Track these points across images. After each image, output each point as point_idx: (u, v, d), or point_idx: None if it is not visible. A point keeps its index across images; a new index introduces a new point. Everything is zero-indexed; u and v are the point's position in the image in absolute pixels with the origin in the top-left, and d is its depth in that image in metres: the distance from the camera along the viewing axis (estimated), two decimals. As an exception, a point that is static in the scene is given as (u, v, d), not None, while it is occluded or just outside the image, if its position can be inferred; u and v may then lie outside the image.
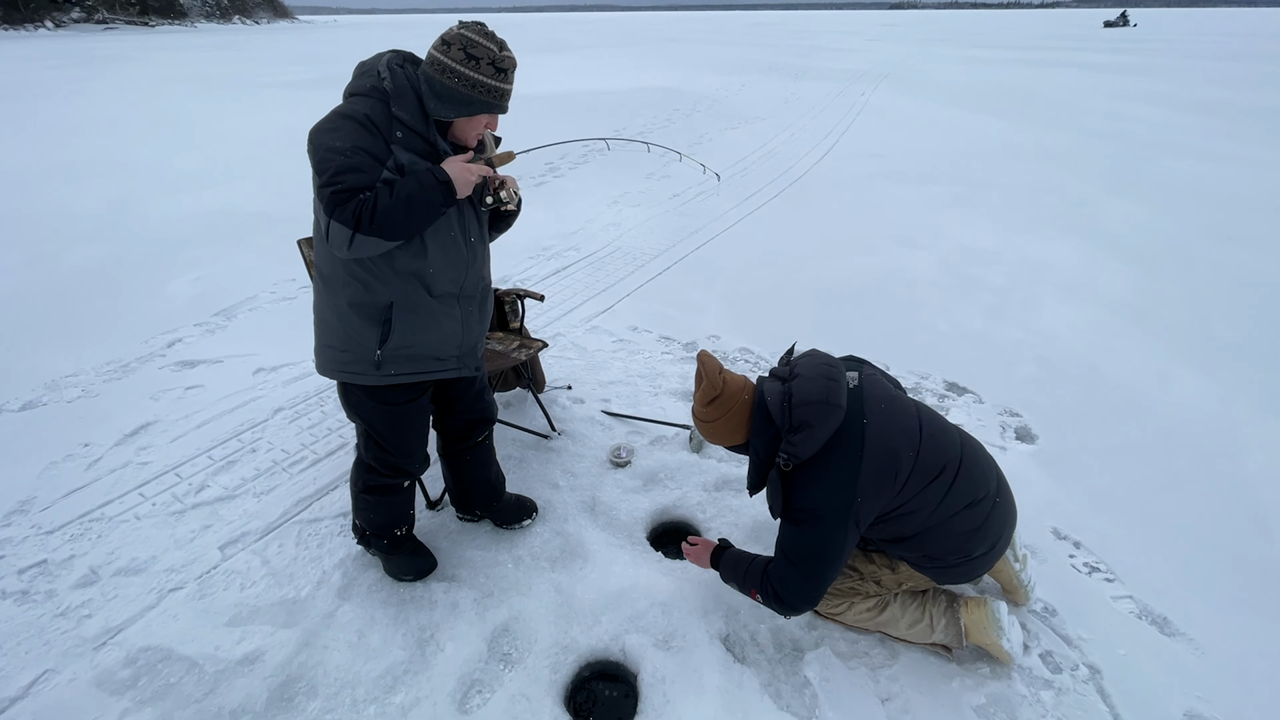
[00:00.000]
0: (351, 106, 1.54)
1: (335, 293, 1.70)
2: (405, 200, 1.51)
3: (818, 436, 1.60)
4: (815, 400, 1.62)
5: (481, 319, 1.92)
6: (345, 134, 1.51)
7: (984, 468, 1.75)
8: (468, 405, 2.08)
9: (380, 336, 1.71)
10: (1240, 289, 4.37)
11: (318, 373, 1.85)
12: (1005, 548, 1.80)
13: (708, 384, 1.74)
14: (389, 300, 1.68)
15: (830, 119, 10.52)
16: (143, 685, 1.79)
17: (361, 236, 1.49)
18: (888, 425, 1.65)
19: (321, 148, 1.51)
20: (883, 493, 1.62)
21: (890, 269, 4.72)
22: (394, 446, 1.91)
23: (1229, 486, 2.57)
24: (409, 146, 1.59)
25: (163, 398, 3.15)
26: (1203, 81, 15.06)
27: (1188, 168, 7.49)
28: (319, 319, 1.80)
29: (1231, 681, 1.82)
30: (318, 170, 1.51)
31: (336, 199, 1.47)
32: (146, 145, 8.16)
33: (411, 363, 1.77)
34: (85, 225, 5.47)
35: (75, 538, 2.31)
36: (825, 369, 1.71)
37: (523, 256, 4.97)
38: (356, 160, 1.50)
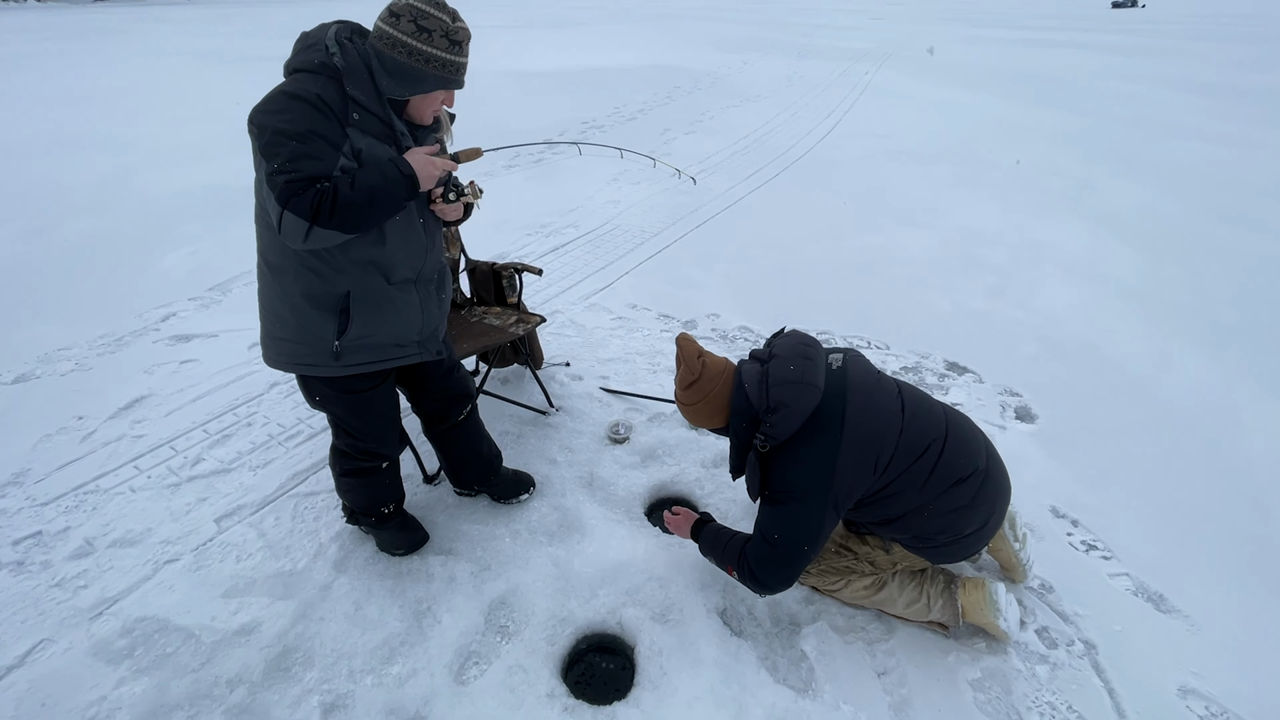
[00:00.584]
0: (300, 85, 1.42)
1: (286, 284, 1.59)
2: (367, 193, 1.43)
3: (794, 416, 1.59)
4: (791, 380, 1.61)
5: (441, 303, 1.86)
6: (296, 117, 1.39)
7: (971, 444, 1.73)
8: (440, 385, 2.01)
9: (338, 327, 1.62)
10: (1244, 272, 4.34)
11: (267, 365, 1.74)
12: (999, 524, 1.78)
13: (685, 368, 1.73)
14: (345, 290, 1.59)
15: (833, 98, 10.37)
16: (139, 655, 1.79)
17: (319, 229, 1.40)
18: (869, 406, 1.64)
19: (269, 130, 1.38)
20: (863, 475, 1.60)
21: (892, 249, 4.68)
22: (363, 433, 1.86)
23: (1228, 467, 2.57)
24: (365, 129, 1.49)
25: (157, 371, 3.13)
26: (1211, 63, 14.85)
27: (1194, 150, 7.41)
28: (267, 311, 1.68)
29: (1225, 658, 1.82)
30: (265, 154, 1.39)
31: (291, 189, 1.37)
32: (141, 119, 8.03)
33: (371, 351, 1.70)
34: (79, 199, 5.39)
35: (70, 510, 2.30)
36: (802, 348, 1.69)
37: (520, 234, 4.92)
38: (311, 147, 1.40)
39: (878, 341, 3.46)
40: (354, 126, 1.47)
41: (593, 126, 8.22)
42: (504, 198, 5.62)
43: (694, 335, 3.50)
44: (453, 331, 2.62)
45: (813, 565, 1.92)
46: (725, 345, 3.39)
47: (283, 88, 1.44)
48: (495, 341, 2.52)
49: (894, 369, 3.21)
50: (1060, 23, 27.95)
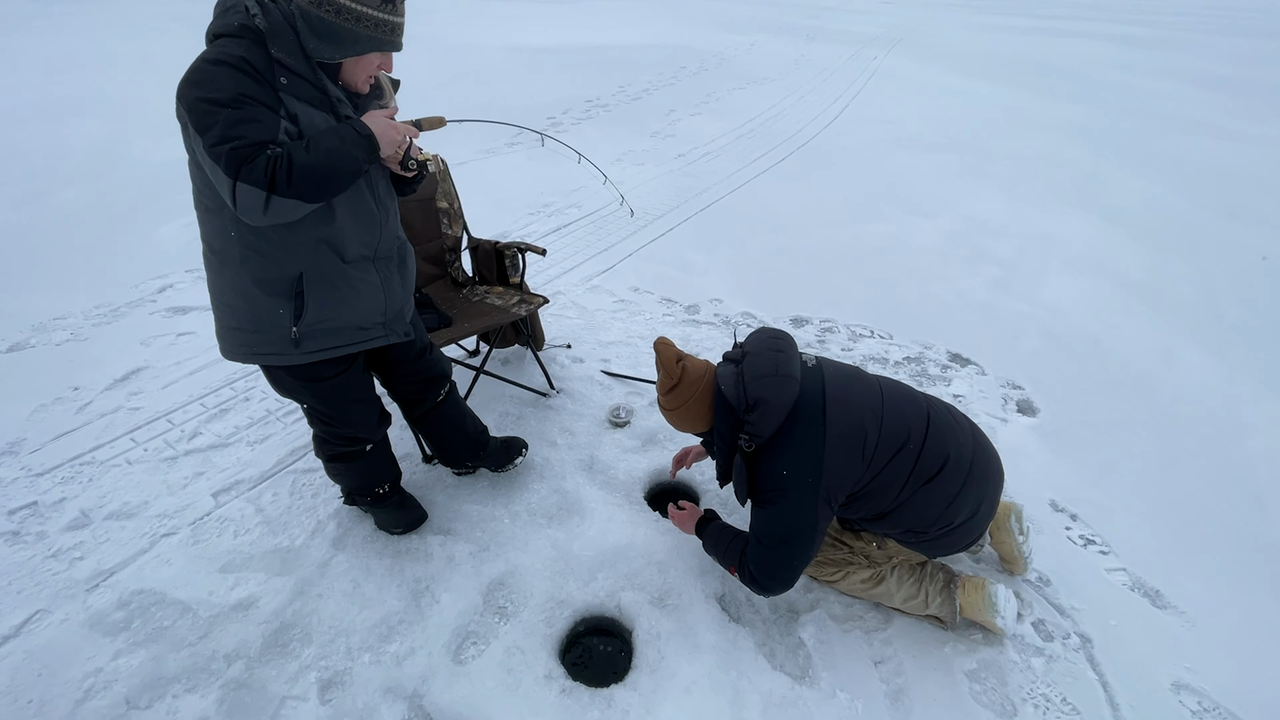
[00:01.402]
0: (222, 50, 1.31)
1: (233, 270, 1.48)
2: (324, 154, 1.33)
3: (774, 411, 1.57)
4: (766, 374, 1.59)
5: (404, 281, 1.76)
6: (223, 82, 1.28)
7: (954, 429, 1.71)
8: (413, 369, 1.93)
9: (294, 311, 1.52)
10: (1250, 269, 4.32)
11: (225, 358, 1.66)
12: (990, 513, 1.76)
13: (664, 373, 1.70)
14: (297, 272, 1.49)
15: (841, 83, 10.23)
16: (136, 628, 1.78)
17: (278, 199, 1.29)
18: (849, 398, 1.63)
19: (198, 102, 1.27)
20: (851, 467, 1.60)
21: (897, 238, 4.64)
22: (336, 419, 1.79)
23: (1228, 465, 2.57)
24: (297, 94, 1.38)
25: (154, 343, 3.09)
26: (1222, 57, 14.68)
27: (1203, 145, 7.34)
28: (219, 301, 1.57)
29: (1220, 655, 1.84)
30: (200, 128, 1.28)
31: (238, 156, 1.26)
32: (134, 86, 7.87)
33: (333, 336, 1.61)
34: (73, 166, 5.30)
35: (66, 480, 2.28)
36: (772, 342, 1.69)
37: (523, 212, 4.86)
38: (247, 111, 1.29)
39: (881, 331, 3.44)
40: (284, 91, 1.36)
41: (597, 105, 8.09)
42: (506, 176, 5.55)
43: (697, 320, 3.48)
44: (453, 311, 2.59)
45: (811, 555, 1.92)
46: (728, 331, 3.37)
47: (204, 55, 1.33)
48: (497, 322, 2.49)
49: (896, 359, 3.19)
50: (1072, 11, 27.58)
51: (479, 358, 2.97)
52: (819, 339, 3.35)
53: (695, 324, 3.44)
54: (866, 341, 3.35)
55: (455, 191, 2.73)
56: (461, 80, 8.79)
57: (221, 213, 1.43)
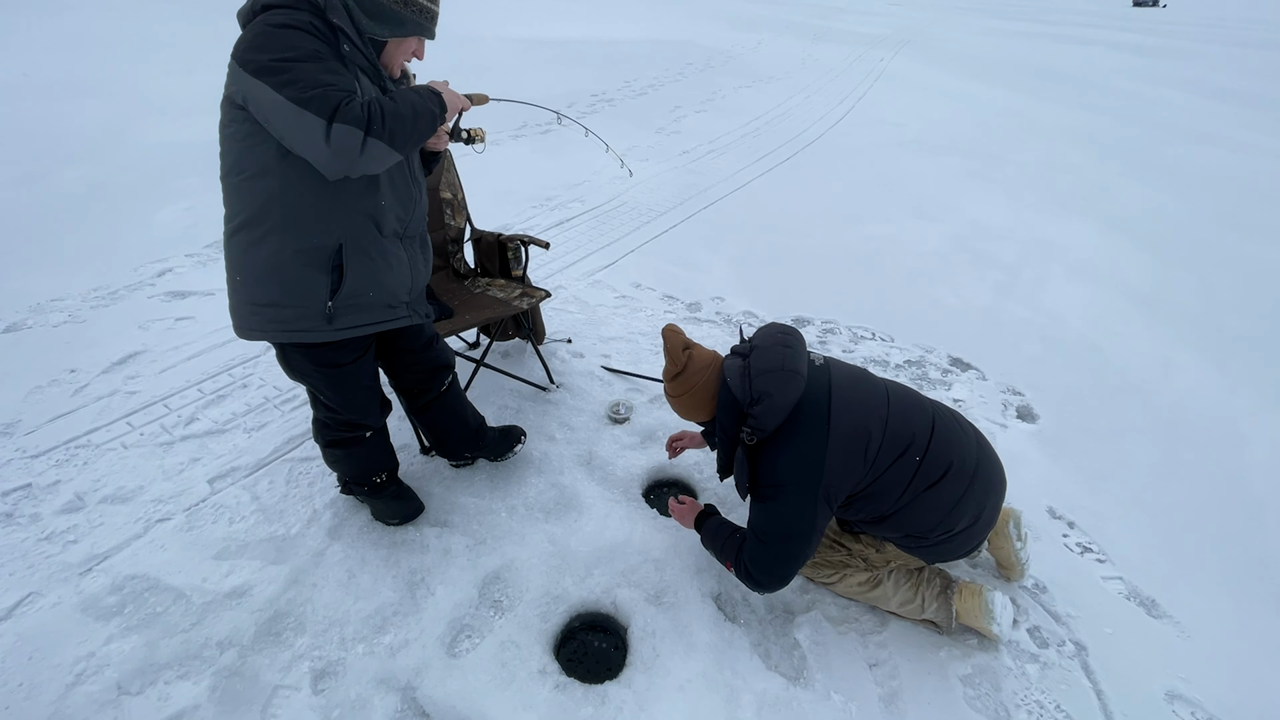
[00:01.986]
0: (286, 16, 1.34)
1: (269, 240, 1.46)
2: (411, 107, 1.39)
3: (778, 406, 1.57)
4: (773, 368, 1.60)
5: (425, 261, 1.80)
6: (297, 42, 1.32)
7: (959, 436, 1.71)
8: (420, 358, 1.94)
9: (331, 284, 1.52)
10: (1252, 281, 4.31)
11: (244, 338, 1.61)
12: (992, 521, 1.76)
13: (670, 360, 1.72)
14: (338, 242, 1.50)
15: (847, 83, 10.20)
16: (129, 613, 1.77)
17: (373, 141, 1.31)
18: (855, 399, 1.63)
19: (272, 62, 1.29)
20: (853, 468, 1.59)
21: (900, 240, 4.63)
22: (342, 405, 1.79)
23: (1226, 476, 2.57)
24: (357, 63, 1.44)
25: (152, 327, 3.07)
26: (1230, 69, 14.67)
27: (1208, 155, 7.34)
28: (247, 276, 1.52)
29: (1214, 666, 1.84)
30: (280, 84, 1.28)
31: (333, 98, 1.28)
32: (135, 67, 7.81)
33: (365, 312, 1.62)
34: (72, 147, 5.26)
35: (61, 463, 2.26)
36: (781, 337, 1.69)
37: (526, 205, 4.84)
38: (329, 64, 1.33)
39: (882, 333, 3.43)
40: (348, 59, 1.41)
41: (602, 100, 8.06)
42: (510, 168, 5.53)
43: (698, 318, 3.47)
44: (455, 302, 2.57)
45: (807, 557, 1.91)
46: (730, 329, 3.36)
47: (266, 22, 1.34)
48: (498, 314, 2.48)
49: (897, 362, 3.19)
50: (1081, 18, 27.55)
51: (479, 350, 2.96)
52: (820, 340, 3.34)
53: (697, 322, 3.43)
54: (868, 343, 3.34)
55: (459, 182, 2.71)
56: (466, 72, 8.74)
57: (266, 178, 1.42)
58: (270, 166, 1.41)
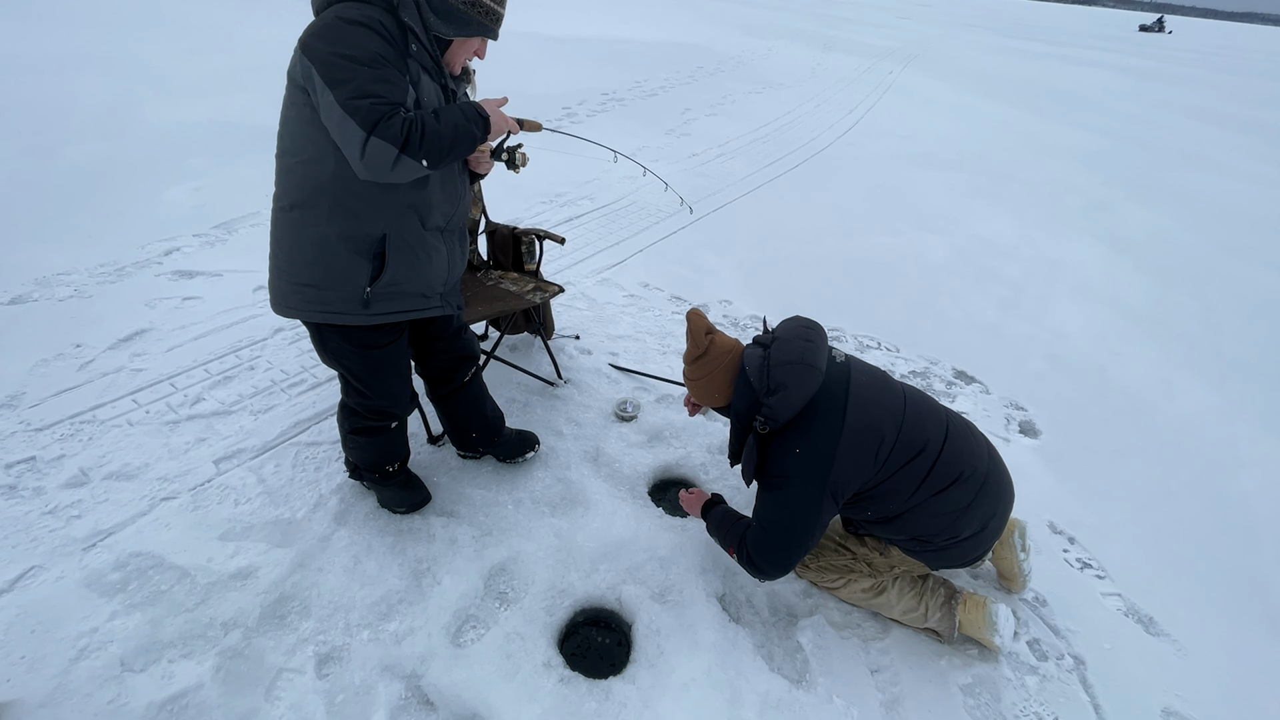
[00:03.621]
0: (361, 12, 1.37)
1: (319, 225, 1.51)
2: (452, 128, 1.41)
3: (793, 399, 1.59)
4: (791, 360, 1.61)
5: (463, 255, 1.84)
6: (363, 41, 1.35)
7: (972, 446, 1.73)
8: (448, 345, 1.98)
9: (372, 272, 1.57)
10: (1252, 307, 4.36)
11: (281, 315, 1.66)
12: (998, 531, 1.77)
13: (692, 342, 1.76)
14: (382, 232, 1.55)
15: (857, 94, 10.25)
16: (133, 590, 1.77)
17: (407, 159, 1.34)
18: (872, 399, 1.64)
19: (333, 56, 1.33)
20: (862, 467, 1.60)
21: (907, 252, 4.66)
22: (375, 390, 1.81)
23: (1223, 498, 2.60)
24: (422, 62, 1.48)
25: (159, 306, 3.06)
26: (1235, 97, 14.82)
27: (1210, 181, 7.41)
28: (292, 255, 1.57)
29: (1209, 684, 1.86)
30: (332, 81, 1.32)
31: (377, 112, 1.31)
32: (147, 46, 7.77)
33: (399, 300, 1.66)
34: (82, 121, 5.23)
35: (65, 438, 2.25)
36: (803, 331, 1.71)
37: (536, 200, 4.84)
38: (385, 73, 1.36)
39: (888, 344, 3.45)
40: (413, 58, 1.45)
41: (613, 99, 8.07)
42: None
43: (705, 320, 3.48)
44: (467, 293, 2.57)
45: (812, 561, 1.93)
46: (736, 333, 3.37)
47: (339, 15, 1.37)
48: (510, 307, 2.48)
49: (903, 373, 3.21)
50: (1087, 40, 27.74)
51: (489, 342, 2.96)
52: (826, 347, 3.36)
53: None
54: (874, 353, 3.36)
55: (476, 174, 2.71)
56: (478, 65, 8.73)
57: (320, 164, 1.46)
58: (325, 154, 1.45)
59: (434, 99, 1.52)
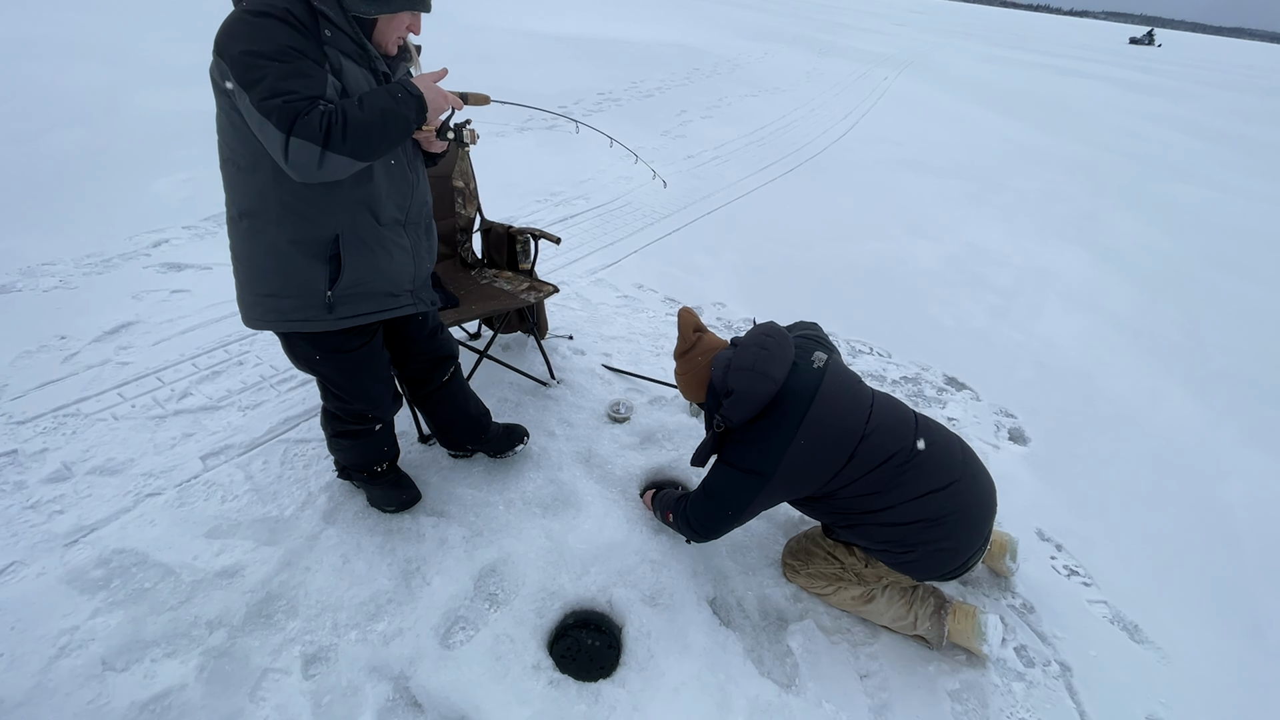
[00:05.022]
0: (265, 2, 1.29)
1: (268, 231, 1.45)
2: (379, 114, 1.31)
3: (742, 403, 1.65)
4: (744, 367, 1.67)
5: (430, 249, 1.77)
6: (270, 35, 1.26)
7: (945, 459, 1.72)
8: (425, 346, 1.93)
9: (330, 275, 1.51)
10: (1237, 318, 4.42)
11: (251, 328, 1.61)
12: (978, 540, 1.73)
13: (680, 338, 1.87)
14: (334, 233, 1.48)
15: (851, 99, 10.30)
16: (115, 587, 1.74)
17: (332, 155, 1.26)
18: (833, 412, 1.66)
19: (243, 55, 1.25)
20: (813, 476, 1.66)
21: (899, 258, 4.68)
22: (353, 395, 1.77)
23: (1207, 508, 2.63)
24: (341, 48, 1.38)
25: (146, 298, 3.02)
26: (1222, 111, 15.05)
27: (1198, 194, 7.51)
28: (248, 266, 1.53)
29: (1192, 692, 1.88)
30: (246, 83, 1.24)
31: (292, 110, 1.22)
32: (135, 32, 7.67)
33: (366, 301, 1.60)
34: (69, 108, 5.15)
35: (48, 431, 2.21)
36: (762, 339, 1.74)
37: (530, 199, 4.82)
38: (297, 65, 1.26)
39: (880, 349, 3.47)
40: (329, 45, 1.35)
41: (609, 99, 8.06)
42: (515, 161, 5.50)
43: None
44: (461, 291, 2.56)
45: (801, 567, 1.94)
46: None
47: (245, 8, 1.29)
48: (504, 306, 2.46)
49: (894, 378, 3.22)
50: (1079, 51, 28.06)
51: (481, 341, 2.95)
52: (819, 351, 3.37)
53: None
54: (865, 358, 3.37)
55: (472, 171, 2.70)
56: (471, 61, 8.70)
57: (258, 171, 1.40)
58: (261, 158, 1.37)
59: (363, 86, 1.42)
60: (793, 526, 2.19)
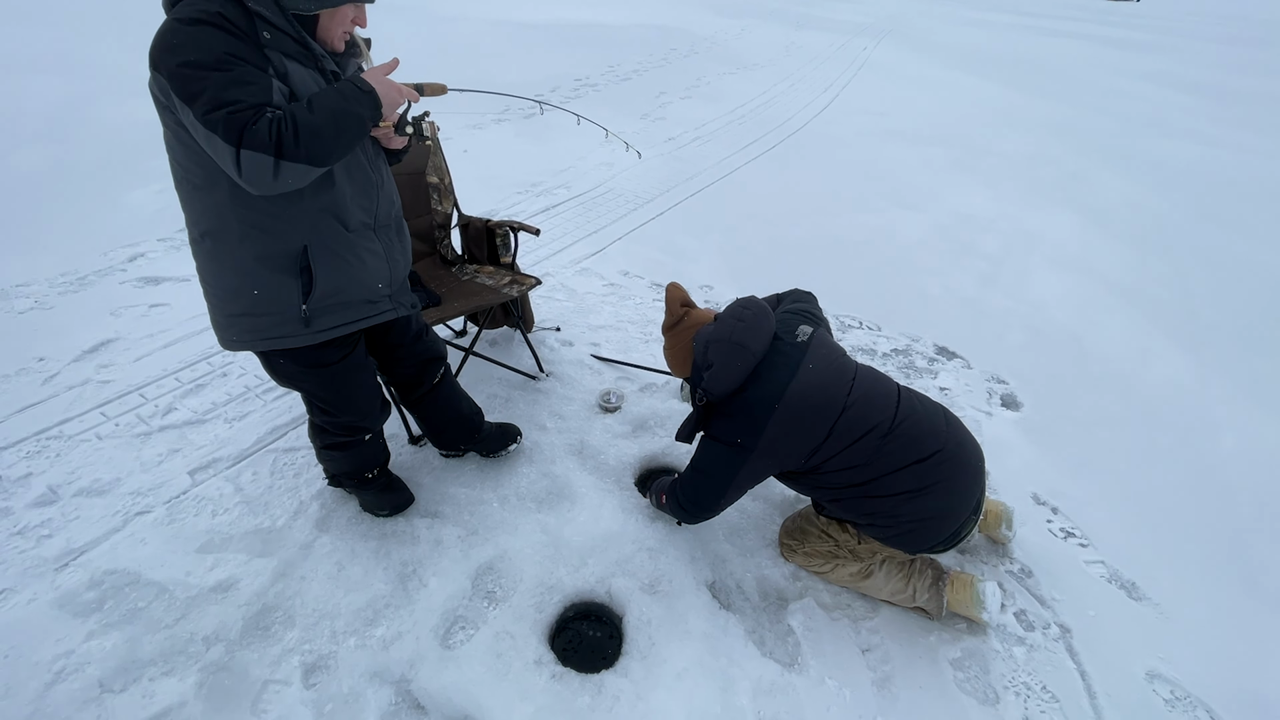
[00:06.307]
0: (195, 8, 1.21)
1: (232, 251, 1.40)
2: (330, 115, 1.24)
3: (721, 375, 1.65)
4: (721, 339, 1.68)
5: (404, 250, 1.71)
6: (206, 42, 1.19)
7: (929, 428, 1.70)
8: (411, 350, 1.89)
9: (302, 288, 1.46)
10: (1224, 272, 4.42)
11: (227, 350, 1.56)
12: (967, 511, 1.71)
13: (667, 312, 1.88)
14: (301, 245, 1.42)
15: (831, 71, 10.19)
16: (109, 609, 1.72)
17: (287, 164, 1.20)
18: (814, 385, 1.66)
19: (180, 68, 1.18)
20: (796, 447, 1.66)
21: (886, 229, 4.65)
22: (339, 408, 1.73)
23: (1201, 464, 2.64)
24: (284, 50, 1.31)
25: (124, 314, 2.97)
26: (1205, 64, 14.95)
27: (1182, 149, 7.48)
28: (217, 288, 1.48)
29: (1191, 645, 1.89)
30: (187, 96, 1.18)
31: (237, 121, 1.16)
32: (99, 42, 7.50)
33: (344, 311, 1.56)
34: (32, 124, 5.03)
35: (32, 455, 2.18)
36: (739, 311, 1.75)
37: (510, 191, 4.76)
38: (237, 72, 1.20)
39: (869, 322, 3.45)
40: (269, 47, 1.28)
41: (586, 85, 7.96)
42: (494, 153, 5.44)
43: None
44: (442, 289, 2.52)
45: (798, 546, 1.93)
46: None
47: (175, 16, 1.22)
48: (487, 302, 2.43)
49: (885, 350, 3.21)
50: (1059, 10, 27.83)
51: (467, 338, 2.92)
52: (808, 329, 3.35)
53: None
54: (855, 332, 3.36)
55: (446, 166, 2.65)
56: (447, 52, 8.55)
57: (214, 189, 1.34)
58: (215, 175, 1.31)
59: (312, 88, 1.35)
60: (789, 506, 2.19)
